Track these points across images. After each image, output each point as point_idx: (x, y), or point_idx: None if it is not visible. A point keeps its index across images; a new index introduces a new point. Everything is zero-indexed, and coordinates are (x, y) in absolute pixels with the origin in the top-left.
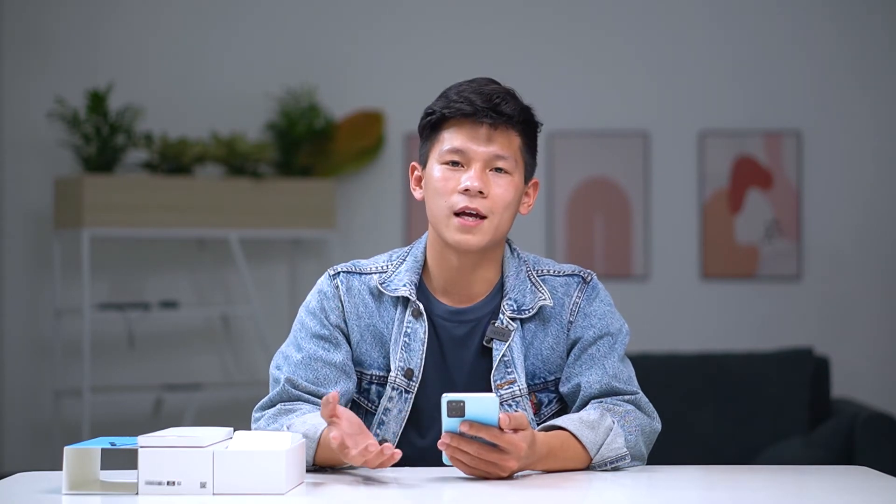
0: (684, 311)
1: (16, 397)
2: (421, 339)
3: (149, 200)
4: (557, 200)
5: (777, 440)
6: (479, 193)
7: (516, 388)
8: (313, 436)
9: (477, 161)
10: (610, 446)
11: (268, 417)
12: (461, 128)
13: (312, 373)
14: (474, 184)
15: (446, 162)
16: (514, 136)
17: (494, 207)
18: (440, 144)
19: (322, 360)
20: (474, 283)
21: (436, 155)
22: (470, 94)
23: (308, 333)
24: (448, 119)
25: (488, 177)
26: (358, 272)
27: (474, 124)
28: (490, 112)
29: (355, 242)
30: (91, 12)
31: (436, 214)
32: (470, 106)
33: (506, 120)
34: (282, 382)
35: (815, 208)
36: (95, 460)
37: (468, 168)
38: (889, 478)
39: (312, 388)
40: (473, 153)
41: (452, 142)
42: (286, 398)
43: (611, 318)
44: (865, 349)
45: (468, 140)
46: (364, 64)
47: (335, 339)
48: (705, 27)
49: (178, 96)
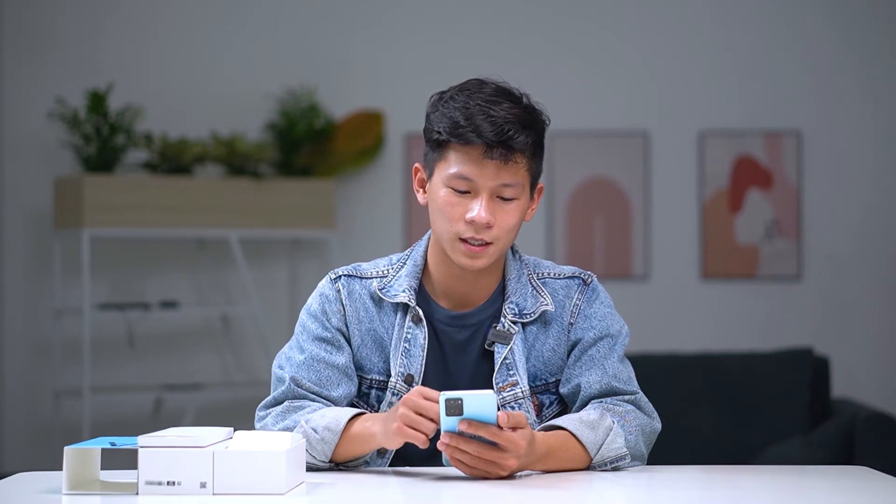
0: (684, 311)
1: (16, 397)
2: (421, 344)
3: (149, 200)
4: (557, 200)
5: (777, 440)
6: (485, 225)
7: (518, 391)
8: (336, 428)
9: (484, 190)
10: (610, 446)
11: (275, 415)
12: (470, 156)
13: (315, 374)
14: (482, 215)
15: (452, 186)
16: (523, 161)
17: (500, 234)
18: (446, 164)
19: (324, 361)
20: (476, 288)
21: (442, 174)
22: (480, 122)
23: (310, 336)
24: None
25: (495, 204)
26: (359, 276)
27: (483, 157)
28: (500, 148)
29: (355, 242)
30: (91, 12)
31: (441, 234)
32: (479, 138)
33: (517, 154)
34: (287, 381)
35: (815, 208)
36: (95, 460)
37: (475, 196)
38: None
39: (316, 388)
40: (481, 182)
41: (460, 167)
42: (292, 396)
43: (611, 319)
44: (865, 349)
45: (476, 170)
46: (364, 64)
47: (337, 341)
48: (705, 27)
49: (178, 96)
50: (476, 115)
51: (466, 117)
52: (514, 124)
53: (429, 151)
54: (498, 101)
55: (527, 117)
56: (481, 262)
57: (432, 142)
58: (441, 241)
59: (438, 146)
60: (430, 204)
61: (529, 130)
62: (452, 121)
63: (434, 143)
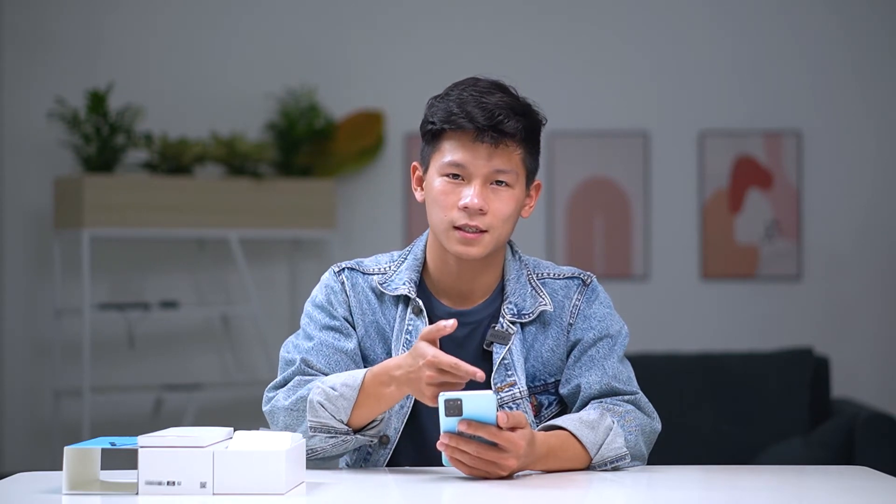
0: (684, 311)
1: (16, 397)
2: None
3: (149, 200)
4: (557, 200)
5: (777, 440)
6: (478, 211)
7: (517, 391)
8: (354, 383)
9: (477, 177)
10: (610, 446)
11: (286, 390)
12: (462, 142)
13: (325, 358)
14: (474, 201)
15: (446, 174)
16: (516, 149)
17: (494, 222)
18: (441, 155)
19: (333, 346)
20: (475, 286)
21: (436, 164)
22: (472, 108)
23: (317, 325)
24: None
25: (489, 191)
26: (361, 271)
27: (475, 141)
28: (491, 132)
29: (355, 242)
30: (91, 12)
31: (436, 225)
32: (471, 123)
33: (508, 138)
34: (297, 363)
35: (815, 208)
36: (95, 460)
37: (468, 182)
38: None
39: (326, 371)
40: (474, 168)
41: (453, 155)
42: (301, 374)
43: (610, 320)
44: (865, 349)
45: (469, 155)
46: (364, 64)
47: (345, 328)
48: (705, 27)
49: (178, 96)
50: (468, 103)
51: (459, 106)
52: (504, 110)
53: (424, 146)
54: (491, 91)
55: (519, 106)
56: (476, 249)
57: (427, 134)
58: (437, 233)
59: (433, 138)
60: (427, 197)
61: (521, 118)
62: (446, 111)
63: (429, 136)
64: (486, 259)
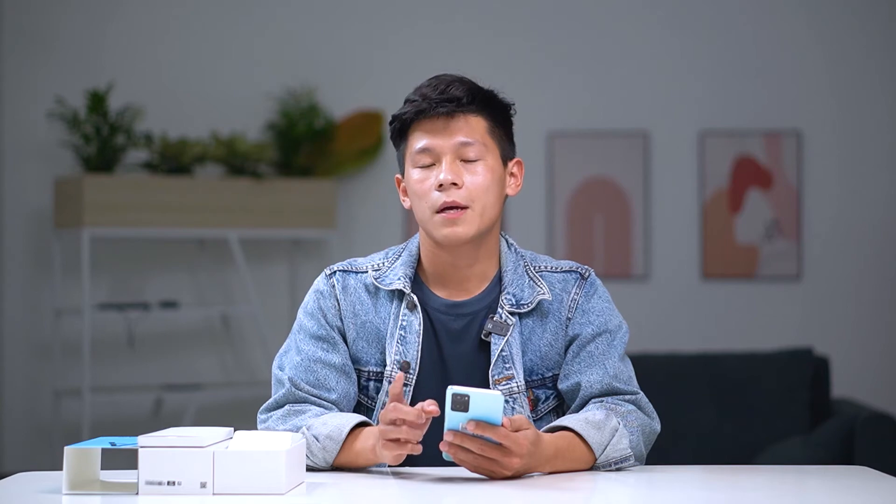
0: (684, 311)
1: (16, 397)
2: (416, 331)
3: (149, 200)
4: (557, 200)
5: (777, 440)
6: (452, 185)
7: (514, 385)
8: (338, 437)
9: (445, 154)
10: (615, 447)
11: (276, 418)
12: (422, 126)
13: (312, 375)
14: (446, 177)
15: (419, 166)
16: (476, 119)
17: (473, 195)
18: (410, 149)
19: (321, 361)
20: (470, 277)
21: (409, 160)
22: (424, 90)
23: (307, 335)
24: (411, 122)
25: (459, 167)
26: (353, 270)
27: (432, 118)
28: (442, 101)
29: (355, 242)
30: (92, 12)
31: (421, 217)
32: (424, 100)
33: (459, 104)
34: (286, 384)
35: (815, 208)
36: (95, 460)
37: (439, 164)
38: (889, 478)
39: (315, 391)
40: (439, 147)
41: (418, 142)
42: (293, 399)
43: (609, 314)
44: (865, 349)
45: (431, 136)
46: (364, 64)
47: (333, 339)
48: (705, 27)
49: (178, 96)
50: (423, 88)
51: (414, 92)
52: (457, 83)
53: (397, 153)
54: (451, 79)
55: (476, 86)
56: (461, 228)
57: (395, 137)
58: (424, 226)
59: (400, 137)
60: (410, 197)
61: (477, 91)
62: (404, 105)
63: (397, 137)
64: (477, 244)
